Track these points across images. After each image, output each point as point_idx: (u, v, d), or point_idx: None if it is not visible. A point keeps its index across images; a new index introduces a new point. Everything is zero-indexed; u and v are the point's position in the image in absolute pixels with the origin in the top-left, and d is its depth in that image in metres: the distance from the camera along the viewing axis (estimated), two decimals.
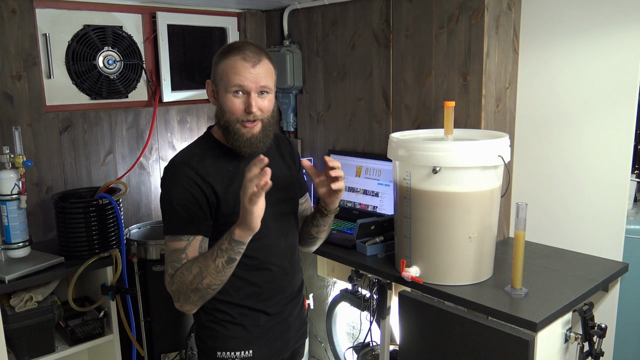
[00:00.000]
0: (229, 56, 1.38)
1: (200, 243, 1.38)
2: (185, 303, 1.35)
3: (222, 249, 1.29)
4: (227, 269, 1.31)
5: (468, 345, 1.62)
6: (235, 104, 1.38)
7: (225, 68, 1.38)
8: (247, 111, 1.38)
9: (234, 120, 1.39)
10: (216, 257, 1.30)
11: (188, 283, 1.32)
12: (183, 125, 2.85)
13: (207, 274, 1.30)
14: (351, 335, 2.65)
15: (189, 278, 1.32)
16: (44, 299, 2.10)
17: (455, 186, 1.68)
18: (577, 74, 1.98)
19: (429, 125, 2.24)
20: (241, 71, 1.36)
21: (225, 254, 1.29)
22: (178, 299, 1.35)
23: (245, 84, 1.36)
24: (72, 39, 2.43)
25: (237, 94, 1.38)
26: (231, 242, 1.29)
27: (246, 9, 2.94)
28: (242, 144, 1.40)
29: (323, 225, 1.60)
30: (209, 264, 1.30)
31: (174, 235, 1.37)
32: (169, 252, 1.38)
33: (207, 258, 1.31)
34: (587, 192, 2.01)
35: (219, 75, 1.40)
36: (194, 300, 1.35)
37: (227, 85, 1.38)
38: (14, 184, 2.03)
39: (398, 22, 2.31)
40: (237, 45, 1.40)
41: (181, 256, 1.36)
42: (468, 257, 1.74)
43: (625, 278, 1.94)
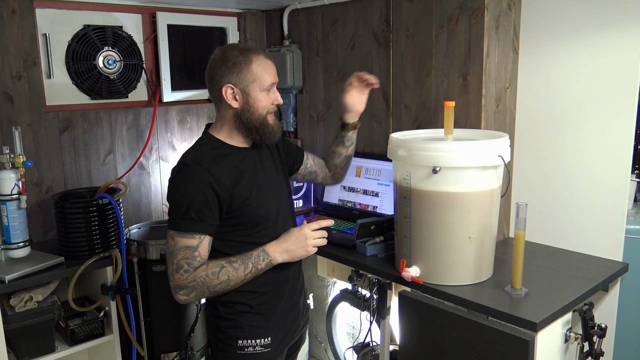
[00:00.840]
0: (254, 59, 1.49)
1: (209, 242, 1.49)
2: (193, 298, 1.47)
3: (258, 268, 1.49)
4: (250, 279, 1.51)
5: (468, 345, 1.62)
6: (268, 100, 1.53)
7: (257, 69, 1.49)
8: (275, 103, 1.55)
9: (265, 114, 1.54)
10: (249, 272, 1.48)
11: (212, 286, 1.45)
12: (183, 125, 2.85)
13: (234, 283, 1.47)
14: (351, 335, 2.65)
15: (214, 282, 1.45)
16: (44, 299, 2.10)
17: (455, 186, 1.68)
18: (577, 73, 1.98)
19: (429, 125, 2.24)
20: (270, 70, 1.52)
21: (257, 272, 1.50)
22: (187, 293, 1.46)
23: (276, 81, 1.55)
24: (72, 39, 2.43)
25: (268, 91, 1.53)
26: (269, 264, 1.51)
27: (246, 9, 2.94)
28: (273, 133, 1.57)
29: (348, 140, 1.84)
30: (239, 276, 1.47)
31: (184, 232, 1.45)
32: (179, 247, 1.45)
33: (238, 270, 1.47)
34: (587, 192, 2.01)
35: (251, 76, 1.49)
36: (203, 297, 1.49)
37: (262, 84, 1.51)
38: (14, 184, 2.03)
39: (398, 22, 2.31)
40: (245, 47, 1.53)
41: (194, 254, 1.45)
42: (468, 257, 1.74)
43: (625, 278, 1.94)
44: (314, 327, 2.82)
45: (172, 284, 1.48)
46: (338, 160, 1.91)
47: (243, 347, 1.58)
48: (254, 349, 1.58)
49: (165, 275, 2.30)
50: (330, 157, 1.92)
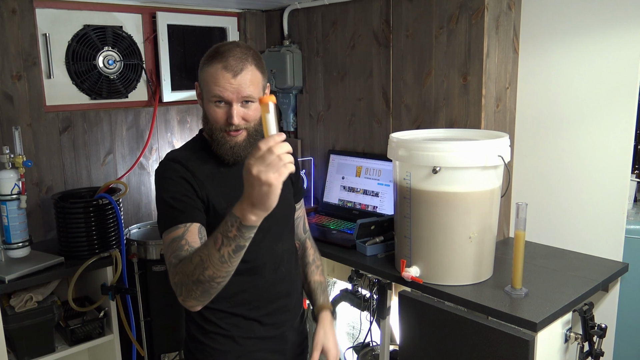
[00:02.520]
0: (212, 63, 1.31)
1: (198, 229, 1.29)
2: (188, 297, 1.20)
3: (229, 237, 1.11)
4: (233, 259, 1.14)
5: (468, 345, 1.62)
6: (218, 114, 1.32)
7: (206, 76, 1.32)
8: (228, 122, 1.32)
9: (217, 128, 1.34)
10: (221, 245, 1.12)
11: (189, 273, 1.17)
12: (183, 125, 2.85)
13: (210, 264, 1.14)
14: (351, 335, 2.65)
15: (189, 268, 1.17)
16: (44, 299, 2.10)
17: (455, 186, 1.68)
18: (577, 73, 1.98)
19: (429, 125, 2.24)
20: (221, 81, 1.29)
21: (232, 242, 1.12)
22: (181, 292, 1.21)
23: (225, 95, 1.30)
24: (72, 39, 2.43)
25: (218, 103, 1.32)
26: (241, 228, 1.10)
27: (246, 9, 2.94)
28: (224, 152, 1.36)
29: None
30: (212, 254, 1.13)
31: (169, 227, 1.28)
32: (168, 244, 1.27)
33: (209, 247, 1.14)
34: (587, 192, 2.01)
35: (201, 81, 1.35)
36: (197, 295, 1.19)
37: (208, 94, 1.32)
38: (14, 184, 2.03)
39: (398, 22, 2.31)
40: (222, 50, 1.31)
41: (181, 243, 1.25)
42: (468, 257, 1.74)
43: (625, 278, 1.94)
44: (314, 327, 2.81)
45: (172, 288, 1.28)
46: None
47: None
48: None
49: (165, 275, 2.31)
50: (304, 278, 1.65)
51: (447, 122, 2.17)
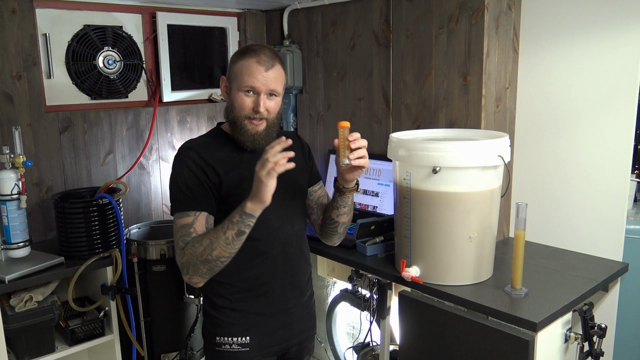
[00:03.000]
0: (246, 57, 1.48)
1: (206, 219, 1.47)
2: (194, 275, 1.42)
3: (233, 222, 1.37)
4: (236, 242, 1.39)
5: (468, 345, 1.62)
6: (246, 102, 1.48)
7: (240, 68, 1.48)
8: (255, 110, 1.48)
9: (242, 116, 1.50)
10: (227, 229, 1.37)
11: (198, 254, 1.39)
12: (183, 125, 2.85)
13: (217, 245, 1.38)
14: (351, 335, 2.65)
15: (199, 250, 1.39)
16: (44, 299, 2.10)
17: (455, 186, 1.68)
18: (577, 73, 1.98)
19: (429, 125, 2.24)
20: (254, 73, 1.46)
21: (235, 227, 1.37)
22: (187, 271, 1.42)
23: (257, 86, 1.47)
24: (72, 39, 2.43)
25: (248, 93, 1.48)
26: (242, 215, 1.37)
27: (246, 9, 2.94)
28: (246, 138, 1.51)
29: (343, 206, 1.59)
30: (219, 236, 1.38)
31: (180, 212, 1.47)
32: (178, 227, 1.46)
33: (217, 231, 1.39)
34: (587, 192, 2.01)
35: (234, 73, 1.50)
36: (203, 272, 1.41)
37: (240, 84, 1.48)
38: (14, 184, 2.03)
39: (398, 22, 2.31)
40: (255, 48, 1.50)
41: (189, 230, 1.44)
42: (468, 257, 1.74)
43: (625, 278, 1.94)
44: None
45: (179, 267, 1.47)
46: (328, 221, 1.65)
47: (220, 344, 1.56)
48: (231, 347, 1.56)
49: (165, 275, 2.33)
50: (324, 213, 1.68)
51: (447, 122, 2.17)
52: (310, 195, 1.71)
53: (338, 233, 1.68)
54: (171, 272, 2.33)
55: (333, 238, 1.70)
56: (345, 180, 1.53)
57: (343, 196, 1.57)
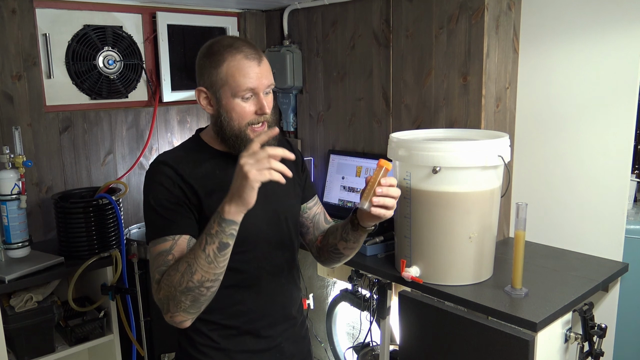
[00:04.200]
0: (227, 57, 1.22)
1: (187, 242, 1.21)
2: (176, 311, 1.15)
3: (211, 234, 1.11)
4: (219, 258, 1.12)
5: (468, 345, 1.62)
6: (246, 108, 1.24)
7: (229, 71, 1.22)
8: (259, 112, 1.25)
9: (244, 125, 1.25)
10: (205, 244, 1.11)
11: (176, 283, 1.12)
12: (183, 125, 2.85)
13: (198, 267, 1.11)
14: (351, 335, 2.65)
15: (176, 277, 1.13)
16: (44, 299, 2.10)
17: (455, 186, 1.68)
18: (577, 73, 1.98)
19: (429, 125, 2.24)
20: (249, 72, 1.21)
21: (215, 239, 1.11)
22: (168, 308, 1.16)
23: (256, 85, 1.22)
24: (72, 39, 2.43)
25: (246, 97, 1.23)
26: (221, 222, 1.11)
27: (246, 9, 2.94)
28: None
29: (352, 241, 1.37)
30: (198, 256, 1.12)
31: (156, 239, 1.21)
32: (153, 257, 1.20)
33: (194, 250, 1.13)
34: (587, 192, 2.01)
35: (220, 79, 1.23)
36: (186, 306, 1.14)
37: (235, 90, 1.22)
38: (14, 184, 2.03)
39: (398, 22, 2.31)
40: (229, 42, 1.24)
41: (167, 258, 1.18)
42: (468, 257, 1.74)
43: (625, 278, 1.94)
44: (314, 327, 2.82)
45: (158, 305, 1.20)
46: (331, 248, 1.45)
47: None
48: None
49: None
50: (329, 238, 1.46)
51: (447, 122, 2.17)
52: (304, 212, 1.49)
53: (339, 262, 1.48)
54: None
55: (332, 264, 1.50)
56: (362, 219, 1.31)
57: (356, 233, 1.35)
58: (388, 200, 1.21)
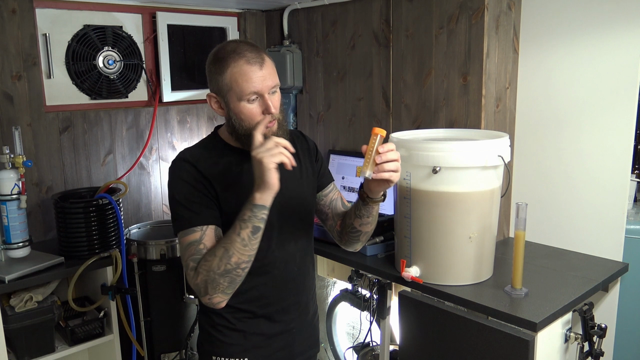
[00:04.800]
0: (231, 63, 1.30)
1: (215, 232, 1.34)
2: (215, 292, 1.27)
3: (244, 220, 1.25)
4: (253, 241, 1.26)
5: (468, 345, 1.62)
6: (254, 110, 1.33)
7: (232, 77, 1.30)
8: (266, 112, 1.33)
9: (255, 125, 1.31)
10: (240, 230, 1.25)
11: (215, 267, 1.26)
12: (183, 125, 2.85)
13: (234, 250, 1.25)
14: (351, 335, 2.65)
15: (214, 262, 1.26)
16: (44, 299, 2.10)
17: (455, 186, 1.68)
18: (577, 73, 1.98)
19: (429, 125, 2.24)
20: (251, 77, 1.30)
21: (249, 224, 1.25)
22: (206, 290, 1.28)
23: (260, 88, 1.31)
24: (72, 39, 2.43)
25: (252, 100, 1.32)
26: (253, 208, 1.25)
27: (246, 9, 2.94)
28: None
29: (366, 216, 1.44)
30: (234, 240, 1.25)
31: (185, 229, 1.33)
32: (185, 247, 1.32)
33: (229, 235, 1.27)
34: (587, 192, 2.01)
35: (226, 85, 1.32)
36: (224, 287, 1.27)
37: (240, 94, 1.31)
38: (14, 184, 2.03)
39: (398, 22, 2.31)
40: (232, 48, 1.32)
41: (199, 247, 1.31)
42: (468, 257, 1.74)
43: (625, 278, 1.94)
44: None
45: (194, 290, 1.32)
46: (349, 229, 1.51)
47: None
48: None
49: (165, 275, 2.32)
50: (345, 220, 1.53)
51: (447, 122, 2.17)
52: (320, 200, 1.57)
53: (360, 241, 1.53)
54: (171, 272, 2.33)
55: (355, 245, 1.55)
56: (370, 190, 1.37)
57: (367, 206, 1.41)
58: (390, 164, 1.28)
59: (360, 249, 2.06)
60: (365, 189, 1.38)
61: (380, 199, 1.40)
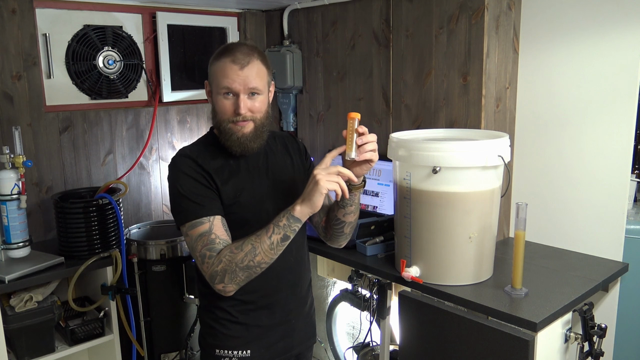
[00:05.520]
0: (221, 58, 1.41)
1: (221, 222, 1.40)
2: (230, 282, 1.35)
3: (279, 226, 1.33)
4: (280, 247, 1.34)
5: (468, 345, 1.62)
6: (226, 105, 1.41)
7: (216, 70, 1.41)
8: (236, 112, 1.40)
9: (225, 120, 1.42)
10: (272, 233, 1.33)
11: (238, 261, 1.33)
12: (183, 125, 2.85)
13: (261, 250, 1.33)
14: (351, 335, 2.65)
15: (239, 256, 1.33)
16: (44, 299, 2.10)
17: (455, 186, 1.68)
18: (577, 73, 1.98)
19: (429, 125, 2.24)
20: (229, 74, 1.38)
21: (282, 231, 1.33)
22: (222, 279, 1.35)
23: (234, 86, 1.39)
24: (72, 39, 2.43)
25: (227, 95, 1.41)
26: (290, 218, 1.33)
27: (246, 9, 2.94)
28: (232, 143, 1.43)
29: (349, 204, 1.49)
30: (264, 240, 1.33)
31: (192, 221, 1.38)
32: (196, 238, 1.37)
33: (261, 235, 1.34)
34: (587, 192, 2.01)
35: (211, 77, 1.44)
36: (240, 280, 1.35)
37: (217, 87, 1.41)
38: (14, 184, 2.03)
39: (398, 22, 2.31)
40: (230, 47, 1.42)
41: (211, 237, 1.36)
42: (468, 257, 1.74)
43: (625, 278, 1.94)
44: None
45: (206, 277, 1.39)
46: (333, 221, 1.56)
47: (219, 357, 1.51)
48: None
49: (165, 275, 2.32)
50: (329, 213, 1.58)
51: (447, 122, 2.17)
52: None
53: (344, 234, 1.58)
54: (171, 272, 2.33)
55: (339, 239, 1.60)
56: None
57: (349, 194, 1.45)
58: (370, 144, 1.38)
59: (360, 249, 2.07)
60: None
61: (361, 184, 1.47)
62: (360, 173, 1.44)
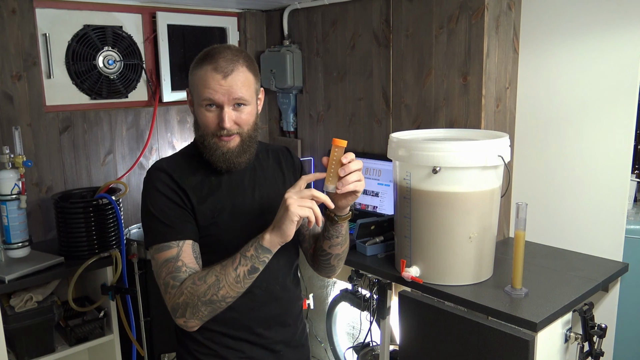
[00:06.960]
0: (202, 66, 1.25)
1: (192, 247, 1.26)
2: (192, 318, 1.22)
3: (246, 256, 1.19)
4: (247, 280, 1.20)
5: (468, 345, 1.62)
6: (209, 118, 1.26)
7: (196, 80, 1.26)
8: (220, 126, 1.26)
9: (208, 134, 1.28)
10: (238, 264, 1.18)
11: (201, 294, 1.19)
12: (183, 125, 2.85)
13: (225, 283, 1.18)
14: (351, 335, 2.65)
15: (202, 288, 1.19)
16: (44, 299, 2.10)
17: (455, 186, 1.68)
18: (577, 73, 1.98)
19: (429, 125, 2.24)
20: (211, 83, 1.23)
21: (249, 262, 1.18)
22: (184, 313, 1.22)
23: (216, 98, 1.24)
24: (72, 39, 2.43)
25: (209, 107, 1.26)
26: (258, 248, 1.18)
27: (246, 9, 2.94)
28: (216, 158, 1.29)
29: (335, 236, 1.35)
30: (229, 272, 1.18)
31: (159, 244, 1.24)
32: (161, 263, 1.24)
33: (226, 266, 1.19)
34: (587, 192, 2.01)
35: (192, 86, 1.29)
36: (203, 315, 1.22)
37: (198, 98, 1.26)
38: (14, 184, 2.03)
39: (398, 22, 2.31)
40: (212, 52, 1.26)
41: (177, 264, 1.22)
42: (468, 257, 1.74)
43: (625, 278, 1.94)
44: (314, 327, 2.82)
45: (168, 309, 1.26)
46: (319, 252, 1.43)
47: None
48: None
49: None
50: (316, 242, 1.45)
51: (447, 122, 2.17)
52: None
53: (332, 266, 1.42)
54: None
55: (327, 271, 1.45)
56: (337, 206, 1.29)
57: (335, 225, 1.33)
58: (353, 175, 1.23)
59: (360, 249, 2.07)
60: (330, 209, 1.30)
61: (347, 215, 1.33)
62: (345, 205, 1.29)
